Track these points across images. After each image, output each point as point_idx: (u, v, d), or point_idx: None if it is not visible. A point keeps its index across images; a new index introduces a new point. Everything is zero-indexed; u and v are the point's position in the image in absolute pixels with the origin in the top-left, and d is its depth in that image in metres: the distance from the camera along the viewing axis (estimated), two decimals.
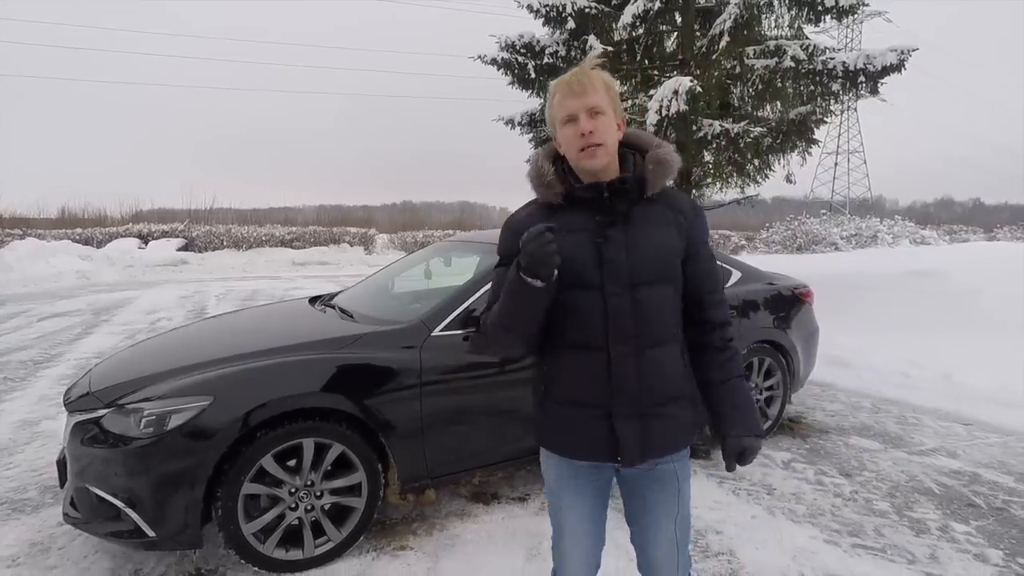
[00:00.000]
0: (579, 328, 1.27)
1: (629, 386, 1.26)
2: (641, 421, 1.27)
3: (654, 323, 1.26)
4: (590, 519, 1.39)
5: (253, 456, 2.15)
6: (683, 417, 1.32)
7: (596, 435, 1.29)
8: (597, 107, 1.23)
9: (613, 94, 1.27)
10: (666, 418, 1.29)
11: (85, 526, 2.20)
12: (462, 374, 2.57)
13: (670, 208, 1.30)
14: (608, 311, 1.24)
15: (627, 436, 1.27)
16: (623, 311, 1.24)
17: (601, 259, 1.24)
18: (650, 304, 1.25)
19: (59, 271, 13.73)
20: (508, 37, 8.02)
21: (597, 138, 1.22)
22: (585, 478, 1.36)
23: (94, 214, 23.04)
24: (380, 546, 2.45)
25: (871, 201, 47.62)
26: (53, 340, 6.72)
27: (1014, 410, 4.06)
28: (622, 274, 1.24)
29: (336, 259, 19.28)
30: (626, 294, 1.24)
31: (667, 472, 1.34)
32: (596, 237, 1.25)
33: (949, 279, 7.62)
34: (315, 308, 3.15)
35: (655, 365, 1.27)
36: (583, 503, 1.37)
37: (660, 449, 1.31)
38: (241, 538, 2.16)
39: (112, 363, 2.60)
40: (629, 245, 1.24)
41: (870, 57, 7.11)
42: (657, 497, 1.35)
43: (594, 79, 1.24)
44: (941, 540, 2.49)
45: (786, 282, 3.95)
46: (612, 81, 1.29)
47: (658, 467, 1.33)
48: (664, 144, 1.32)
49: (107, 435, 2.13)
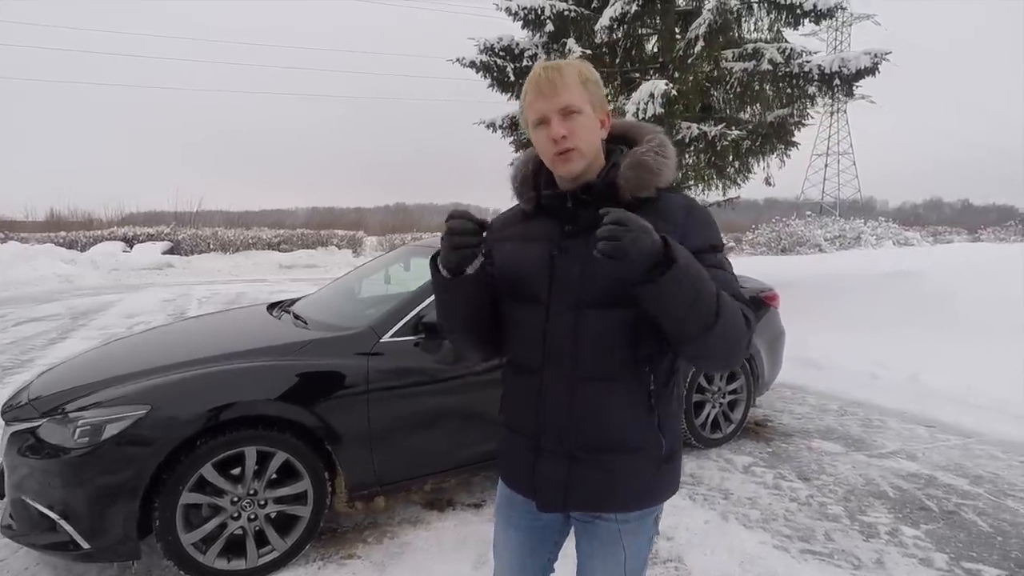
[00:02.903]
0: (519, 346, 1.17)
1: (559, 420, 1.11)
2: (569, 463, 1.11)
3: (597, 352, 1.08)
4: (519, 554, 1.26)
5: (193, 465, 2.13)
6: (628, 474, 1.11)
7: (522, 468, 1.18)
8: (570, 106, 1.07)
9: (592, 87, 1.11)
10: (601, 468, 1.10)
11: (23, 538, 2.16)
12: (411, 380, 2.56)
13: (654, 217, 1.02)
14: (547, 331, 1.11)
15: (546, 476, 1.13)
16: (561, 333, 1.09)
17: (553, 273, 1.11)
18: (594, 330, 1.08)
19: (41, 275, 13.60)
20: (487, 40, 8.02)
21: (570, 142, 1.07)
22: (519, 511, 1.23)
23: (82, 217, 22.89)
24: (328, 555, 2.43)
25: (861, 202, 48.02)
26: (26, 345, 6.65)
27: (978, 411, 4.09)
28: (570, 292, 1.09)
29: (324, 262, 19.20)
30: (569, 314, 1.09)
31: (609, 531, 1.14)
32: (553, 248, 1.12)
33: (926, 280, 7.69)
34: (271, 314, 3.13)
35: (592, 402, 1.09)
36: (515, 536, 1.26)
37: (589, 503, 1.13)
38: (180, 548, 2.13)
39: (56, 372, 2.57)
40: (586, 259, 1.05)
41: (845, 60, 7.17)
42: (595, 553, 1.17)
43: (566, 74, 1.08)
44: (889, 545, 2.50)
45: (751, 285, 3.96)
46: (590, 73, 1.12)
47: (597, 522, 1.15)
48: (656, 138, 1.15)
49: (43, 445, 2.10)
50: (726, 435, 3.62)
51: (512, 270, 1.17)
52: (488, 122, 9.22)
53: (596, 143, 1.12)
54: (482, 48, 8.07)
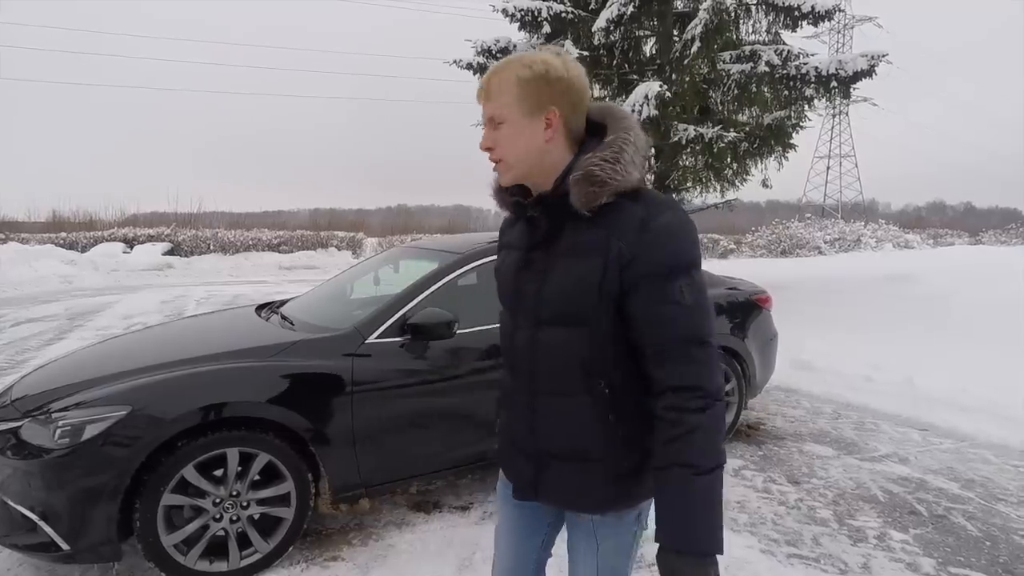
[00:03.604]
0: (502, 350, 1.23)
1: (524, 427, 1.15)
2: (537, 465, 1.14)
3: (553, 370, 1.08)
4: (516, 531, 1.28)
5: (174, 466, 2.12)
6: (591, 483, 1.09)
7: (506, 455, 1.25)
8: (494, 116, 1.03)
9: (533, 86, 1.00)
10: (564, 475, 1.11)
11: (4, 540, 2.15)
12: (397, 382, 2.54)
13: (609, 229, 0.99)
14: (514, 343, 1.15)
15: (519, 472, 1.18)
16: (522, 347, 1.12)
17: (518, 287, 1.11)
18: (548, 348, 1.07)
19: (41, 275, 13.62)
20: (484, 42, 8.04)
21: (496, 154, 1.05)
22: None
23: (84, 218, 22.92)
24: (311, 557, 2.42)
25: (863, 205, 47.98)
26: (22, 346, 6.65)
27: (971, 414, 4.07)
28: (530, 308, 1.09)
29: (323, 263, 19.21)
30: (529, 330, 1.10)
31: (584, 525, 1.15)
32: (520, 261, 1.11)
33: (922, 283, 7.67)
34: (260, 316, 3.13)
35: (550, 416, 1.10)
36: (510, 511, 1.27)
37: (557, 502, 1.15)
38: (160, 550, 2.12)
39: (40, 373, 2.57)
40: (546, 274, 1.05)
41: (842, 62, 7.17)
42: (576, 541, 1.19)
43: (503, 77, 1.02)
44: (876, 549, 2.48)
45: (744, 287, 3.95)
46: (535, 69, 1.01)
47: (576, 513, 1.16)
48: (617, 137, 1.02)
49: (24, 446, 2.10)
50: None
51: (497, 277, 1.21)
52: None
53: (527, 151, 1.04)
54: (479, 50, 8.08)
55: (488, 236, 3.38)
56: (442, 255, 2.96)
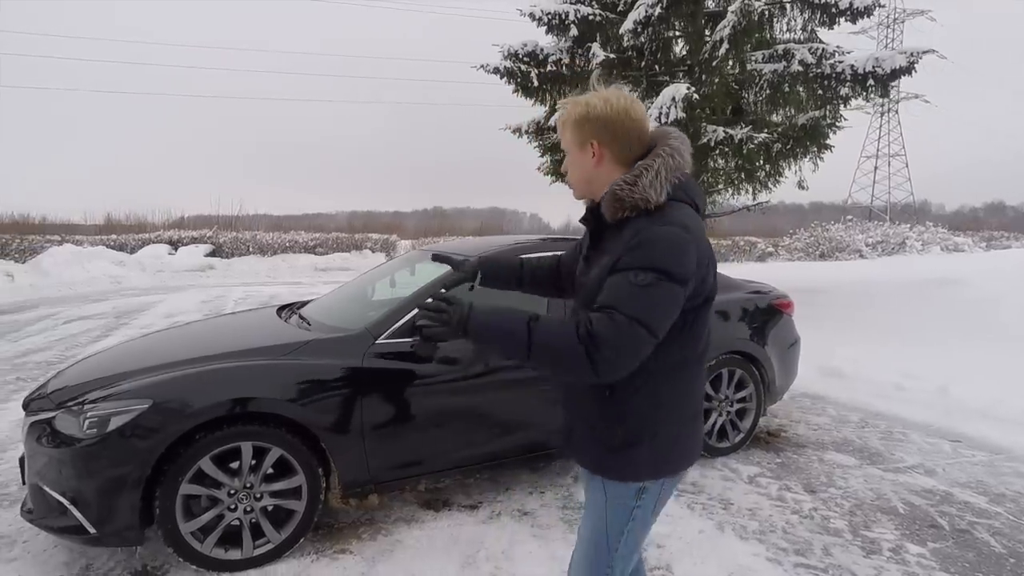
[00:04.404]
0: None
1: (565, 393, 1.43)
2: (569, 424, 1.41)
3: None
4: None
5: (191, 458, 2.24)
6: (589, 445, 1.34)
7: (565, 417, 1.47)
8: (563, 148, 1.34)
9: (584, 125, 1.25)
10: (579, 435, 1.37)
11: (39, 522, 2.32)
12: (405, 381, 2.61)
13: (623, 238, 1.19)
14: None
15: (565, 430, 1.44)
16: None
17: (578, 279, 1.39)
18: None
19: (93, 276, 14.37)
20: (511, 46, 8.09)
21: (568, 178, 1.36)
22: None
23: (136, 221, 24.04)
24: (322, 549, 2.51)
25: (914, 206, 45.87)
26: (72, 342, 7.05)
27: (1008, 426, 3.89)
28: (579, 295, 1.35)
29: (357, 265, 19.62)
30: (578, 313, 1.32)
31: (597, 480, 1.34)
32: (583, 260, 1.38)
33: (969, 288, 7.34)
34: (280, 316, 3.25)
35: (573, 386, 1.38)
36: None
37: (574, 455, 1.40)
38: (179, 536, 2.24)
39: (77, 368, 2.74)
40: (590, 270, 1.31)
41: (879, 60, 6.94)
42: (592, 493, 1.37)
43: (562, 119, 1.31)
44: (890, 562, 2.41)
45: (764, 291, 3.87)
46: (585, 111, 1.25)
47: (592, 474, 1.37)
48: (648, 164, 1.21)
49: (57, 435, 2.25)
50: (733, 444, 3.55)
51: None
52: (514, 127, 9.28)
53: (581, 176, 1.32)
54: (506, 54, 8.14)
55: (505, 239, 3.43)
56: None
